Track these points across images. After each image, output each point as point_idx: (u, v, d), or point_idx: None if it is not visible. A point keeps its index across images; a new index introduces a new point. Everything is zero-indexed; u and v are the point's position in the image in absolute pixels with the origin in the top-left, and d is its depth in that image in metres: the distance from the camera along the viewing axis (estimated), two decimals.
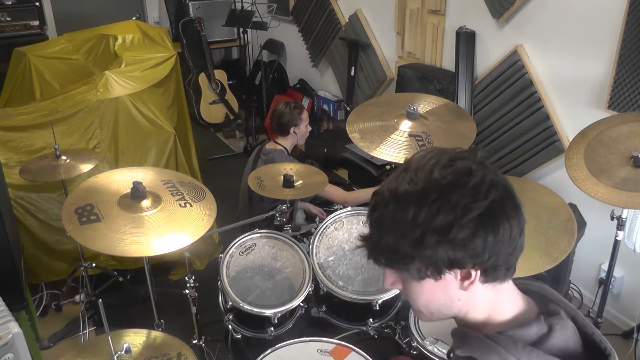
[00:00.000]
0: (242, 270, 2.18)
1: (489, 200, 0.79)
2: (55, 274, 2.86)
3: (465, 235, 0.79)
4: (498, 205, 0.80)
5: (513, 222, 0.81)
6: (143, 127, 2.91)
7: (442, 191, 0.79)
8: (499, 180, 0.82)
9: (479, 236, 0.79)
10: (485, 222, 0.79)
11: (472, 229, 0.79)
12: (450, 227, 0.78)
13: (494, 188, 0.80)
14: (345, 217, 2.35)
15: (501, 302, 0.89)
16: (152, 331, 1.74)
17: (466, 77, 3.18)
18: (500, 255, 0.82)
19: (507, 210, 0.81)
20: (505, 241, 0.81)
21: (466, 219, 0.78)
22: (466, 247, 0.79)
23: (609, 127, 1.97)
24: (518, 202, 0.83)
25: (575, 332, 0.89)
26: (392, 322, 2.27)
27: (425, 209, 0.79)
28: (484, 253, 0.80)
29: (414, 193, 0.81)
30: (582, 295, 2.90)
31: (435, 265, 0.82)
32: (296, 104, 2.97)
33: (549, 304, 0.93)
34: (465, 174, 0.80)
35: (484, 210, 0.78)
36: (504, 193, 0.81)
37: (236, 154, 4.98)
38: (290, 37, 5.26)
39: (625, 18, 2.35)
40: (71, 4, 5.62)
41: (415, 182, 0.81)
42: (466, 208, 0.78)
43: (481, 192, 0.79)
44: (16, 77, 3.54)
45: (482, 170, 0.81)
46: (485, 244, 0.80)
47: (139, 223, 1.72)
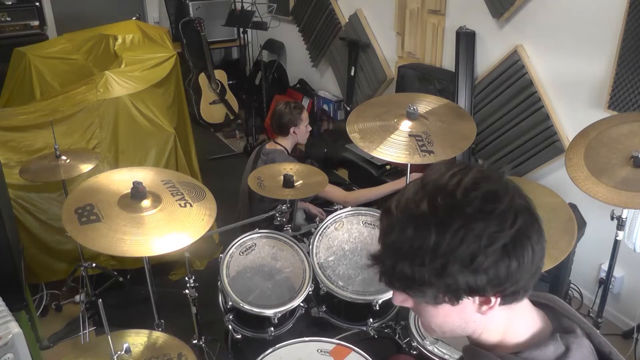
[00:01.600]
0: (242, 270, 2.18)
1: (515, 229, 0.74)
2: (55, 274, 2.86)
3: (489, 264, 0.74)
4: (524, 233, 0.75)
5: (537, 248, 0.77)
6: (143, 127, 2.91)
7: (466, 219, 0.74)
8: (524, 204, 0.77)
9: (503, 264, 0.75)
10: (510, 250, 0.75)
11: (497, 258, 0.74)
12: (474, 257, 0.74)
13: (521, 215, 0.75)
14: (345, 217, 2.35)
15: (516, 322, 0.86)
16: (153, 331, 1.74)
17: (466, 77, 3.18)
18: (522, 281, 0.78)
19: (532, 236, 0.76)
20: (527, 267, 0.77)
21: (491, 249, 0.74)
22: (489, 275, 0.75)
23: (609, 127, 1.96)
24: (541, 225, 0.79)
25: (592, 351, 0.86)
26: (392, 322, 2.27)
27: (447, 237, 0.74)
28: (507, 281, 0.76)
29: (435, 219, 0.75)
30: (582, 295, 2.90)
31: (455, 292, 0.78)
32: (296, 104, 2.97)
33: (562, 319, 0.89)
34: (491, 200, 0.75)
35: (510, 240, 0.74)
36: (529, 218, 0.77)
37: (236, 154, 4.98)
38: (290, 37, 5.26)
39: (625, 18, 2.35)
40: (71, 4, 5.61)
41: (436, 207, 0.75)
42: (492, 237, 0.74)
43: (508, 220, 0.74)
44: (16, 77, 3.54)
45: (509, 195, 0.76)
46: (509, 272, 0.76)
47: (139, 223, 1.71)
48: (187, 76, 5.14)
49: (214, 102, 5.30)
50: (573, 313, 0.90)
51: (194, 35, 5.23)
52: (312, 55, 4.99)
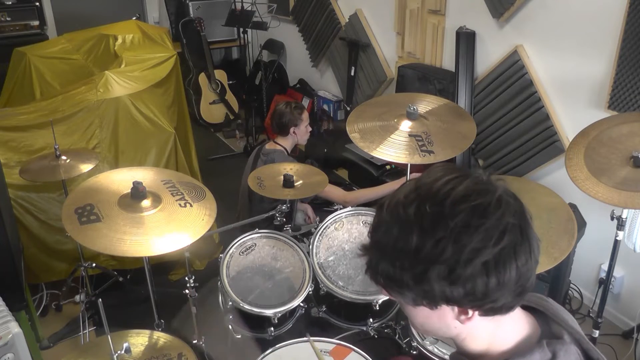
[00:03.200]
0: (242, 270, 2.18)
1: (499, 247, 0.73)
2: (55, 274, 2.86)
3: (467, 278, 0.74)
4: (508, 252, 0.74)
5: (524, 268, 0.76)
6: (143, 127, 2.91)
7: (450, 231, 0.73)
8: (515, 223, 0.75)
9: (481, 281, 0.74)
10: (491, 268, 0.74)
11: (475, 274, 0.74)
12: (452, 269, 0.74)
13: (509, 233, 0.74)
14: (345, 217, 2.35)
15: (502, 329, 0.85)
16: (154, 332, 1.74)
17: (466, 77, 3.18)
18: (502, 298, 0.77)
19: (518, 256, 0.75)
20: (509, 286, 0.76)
21: (471, 264, 0.73)
22: (466, 289, 0.75)
23: (609, 127, 1.96)
24: (532, 245, 0.77)
25: (579, 357, 0.85)
26: (392, 322, 2.28)
27: (429, 245, 0.74)
28: (485, 297, 0.76)
29: (419, 226, 0.75)
30: (582, 295, 2.90)
31: (432, 299, 0.78)
32: (297, 104, 2.97)
33: (552, 324, 0.88)
34: (480, 215, 0.74)
35: (492, 257, 0.73)
36: (517, 238, 0.75)
37: (236, 154, 4.98)
38: (290, 37, 5.26)
39: (625, 18, 2.35)
40: (71, 4, 5.62)
41: (422, 213, 0.75)
42: (472, 253, 0.73)
43: (492, 238, 0.73)
44: (16, 77, 3.54)
45: (500, 210, 0.74)
46: (487, 289, 0.75)
47: (139, 223, 1.71)
48: (187, 76, 5.14)
49: (214, 102, 5.30)
50: (562, 318, 0.89)
51: (194, 35, 5.22)
52: (312, 55, 4.99)
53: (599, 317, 2.19)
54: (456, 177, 0.78)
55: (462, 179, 0.77)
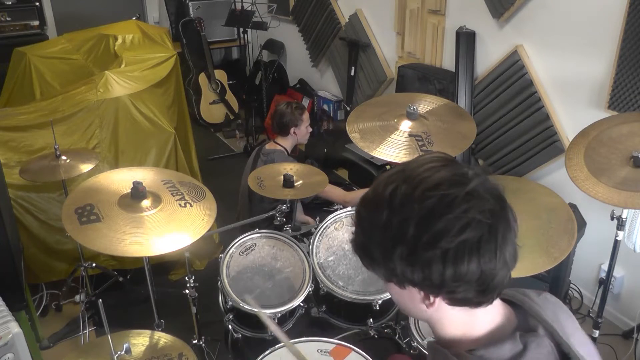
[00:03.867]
0: (242, 270, 2.18)
1: (459, 239, 0.75)
2: (55, 274, 2.86)
3: (424, 263, 0.77)
4: (469, 247, 0.75)
5: (486, 266, 0.77)
6: (143, 127, 2.91)
7: (416, 214, 0.77)
8: (483, 220, 0.76)
9: (436, 268, 0.76)
10: (448, 258, 0.76)
11: (431, 260, 0.76)
12: (412, 251, 0.77)
13: (472, 228, 0.75)
14: (345, 217, 2.36)
15: (476, 319, 0.86)
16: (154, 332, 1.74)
17: (466, 77, 3.18)
18: (461, 291, 0.79)
19: (481, 253, 0.76)
20: (470, 281, 0.77)
21: (430, 251, 0.76)
22: (424, 274, 0.78)
23: (609, 127, 1.96)
24: (502, 246, 0.78)
25: (552, 350, 0.86)
26: (392, 322, 2.27)
27: (395, 222, 0.78)
28: (441, 286, 0.78)
29: (390, 205, 0.79)
30: (582, 295, 2.90)
31: (397, 277, 0.82)
32: (297, 105, 2.97)
33: (529, 318, 0.90)
34: (446, 205, 0.76)
35: (451, 247, 0.75)
36: (484, 235, 0.76)
37: (236, 154, 4.98)
38: (290, 37, 5.26)
39: (625, 18, 2.35)
40: (71, 4, 5.61)
41: (396, 194, 0.79)
42: (432, 238, 0.76)
43: (453, 229, 0.75)
44: (16, 77, 3.54)
45: (466, 205, 0.76)
46: (443, 278, 0.77)
47: (139, 223, 1.72)
48: (187, 76, 5.14)
49: (214, 102, 5.30)
50: (537, 311, 0.90)
51: (194, 35, 5.22)
52: (312, 55, 4.99)
53: (599, 317, 2.19)
54: (438, 166, 0.81)
55: (442, 168, 0.80)
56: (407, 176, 0.80)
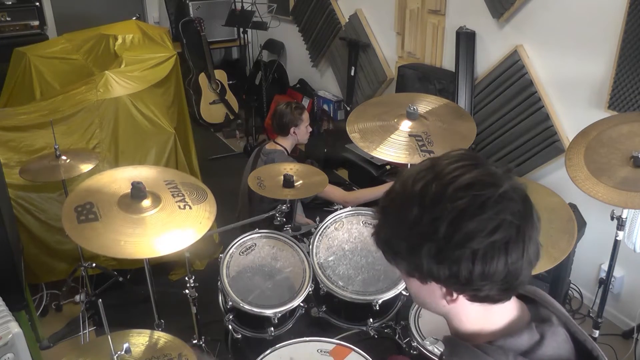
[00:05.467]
0: (242, 270, 2.18)
1: (490, 239, 0.76)
2: (55, 274, 2.86)
3: (453, 261, 0.78)
4: (499, 247, 0.77)
5: (513, 266, 0.78)
6: (143, 127, 2.91)
7: (448, 212, 0.77)
8: (512, 221, 0.77)
9: (465, 267, 0.77)
10: (478, 257, 0.77)
11: (461, 259, 0.77)
12: (441, 249, 0.78)
13: (503, 229, 0.76)
14: (345, 217, 2.35)
15: (492, 312, 0.87)
16: (154, 332, 1.74)
17: (466, 77, 3.18)
18: (486, 289, 0.80)
19: (509, 253, 0.77)
20: (496, 279, 0.78)
21: (459, 249, 0.77)
22: (452, 271, 0.78)
23: (609, 127, 1.96)
24: (528, 246, 0.79)
25: (567, 338, 0.88)
26: (392, 322, 2.27)
27: (426, 220, 0.78)
28: (468, 284, 0.79)
29: (421, 202, 0.79)
30: (582, 295, 2.90)
31: (421, 273, 0.82)
32: (297, 105, 2.98)
33: (541, 309, 0.91)
34: (478, 206, 0.76)
35: (482, 247, 0.76)
36: (512, 236, 0.77)
37: (236, 154, 4.98)
38: (290, 37, 5.26)
39: (625, 18, 2.35)
40: (71, 4, 5.61)
41: (427, 192, 0.79)
42: (464, 238, 0.76)
43: (485, 229, 0.76)
44: (16, 77, 3.54)
45: (499, 206, 0.77)
46: (471, 276, 0.78)
47: (136, 224, 1.70)
48: (187, 76, 5.14)
49: (214, 102, 5.30)
50: (551, 302, 0.92)
51: (194, 35, 5.22)
52: (312, 55, 4.99)
53: (599, 317, 2.19)
54: (469, 165, 0.81)
55: (473, 168, 0.80)
56: (438, 173, 0.80)
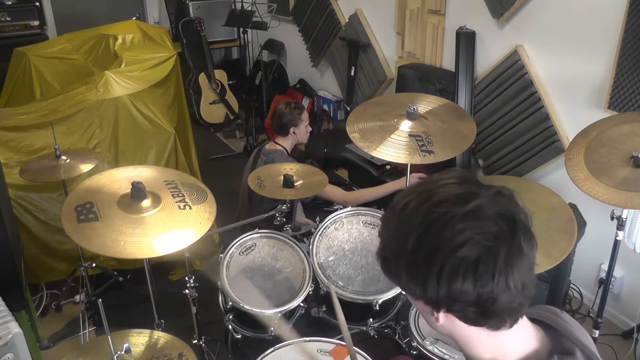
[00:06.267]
0: (242, 270, 2.18)
1: (453, 258, 0.75)
2: (55, 274, 2.86)
3: (422, 276, 0.78)
4: (464, 267, 0.75)
5: (483, 289, 0.76)
6: (143, 127, 2.91)
7: (416, 228, 0.78)
8: (481, 241, 0.75)
9: (432, 284, 0.77)
10: (442, 276, 0.76)
11: (428, 276, 0.77)
12: (412, 265, 0.79)
13: (466, 248, 0.75)
14: (345, 217, 2.35)
15: (507, 342, 0.85)
16: (154, 332, 1.74)
17: (466, 77, 3.18)
18: (459, 310, 0.79)
19: (477, 275, 0.75)
20: (466, 300, 0.77)
21: (426, 266, 0.77)
22: (423, 288, 0.79)
23: (609, 127, 1.96)
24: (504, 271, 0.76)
25: None
26: (392, 322, 2.27)
27: (400, 234, 0.80)
28: (438, 302, 0.79)
29: (400, 213, 0.81)
30: (582, 295, 2.90)
31: (406, 289, 0.84)
32: (296, 104, 2.98)
33: (563, 340, 0.88)
34: (444, 222, 0.76)
35: (446, 265, 0.76)
36: (482, 257, 0.75)
37: (236, 154, 4.98)
38: (290, 37, 5.26)
39: (625, 18, 2.35)
40: (71, 4, 5.61)
41: (407, 206, 0.81)
42: (428, 255, 0.77)
43: (446, 248, 0.76)
44: (16, 77, 3.54)
45: (464, 224, 0.76)
46: (438, 295, 0.78)
47: (136, 224, 1.70)
48: (187, 76, 5.14)
49: (214, 102, 5.30)
50: (573, 335, 0.88)
51: (194, 35, 5.22)
52: (312, 55, 4.99)
53: (599, 317, 2.19)
54: (453, 183, 0.81)
55: (455, 186, 0.80)
56: (422, 190, 0.82)
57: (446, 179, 0.82)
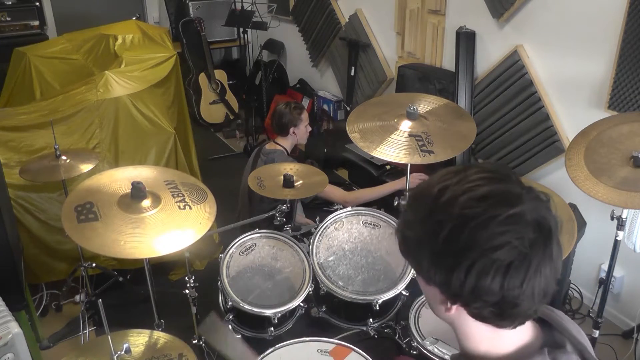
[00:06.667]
0: (242, 270, 2.18)
1: (487, 257, 0.75)
2: (55, 274, 2.86)
3: (448, 268, 0.77)
4: (496, 267, 0.75)
5: (510, 293, 0.76)
6: (143, 127, 2.91)
7: (453, 219, 0.77)
8: (519, 247, 0.75)
9: (457, 277, 0.77)
10: (471, 271, 0.76)
11: (455, 268, 0.77)
12: (440, 253, 0.78)
13: (503, 251, 0.74)
14: (345, 217, 2.35)
15: (503, 336, 0.85)
16: (154, 332, 1.74)
17: (466, 77, 3.18)
18: (475, 306, 0.79)
19: (506, 277, 0.75)
20: (489, 300, 0.77)
21: (455, 258, 0.76)
22: (445, 278, 0.78)
23: (609, 127, 1.96)
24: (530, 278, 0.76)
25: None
26: (392, 322, 2.27)
27: (433, 220, 0.79)
28: (456, 296, 0.79)
29: (434, 200, 0.80)
30: (582, 295, 2.90)
31: (422, 271, 0.83)
32: (296, 104, 2.97)
33: (555, 333, 0.89)
34: (485, 220, 0.75)
35: (478, 261, 0.75)
36: (515, 262, 0.75)
37: (236, 154, 4.98)
38: (290, 37, 5.26)
39: (625, 18, 2.35)
40: (71, 4, 5.61)
41: (442, 193, 0.79)
42: (461, 249, 0.76)
43: (484, 246, 0.75)
44: (16, 77, 3.54)
45: (506, 227, 0.75)
46: (462, 289, 0.77)
47: (136, 224, 1.71)
48: (187, 76, 5.14)
49: (214, 102, 5.30)
50: (565, 327, 0.89)
51: (194, 35, 5.22)
52: (312, 55, 4.99)
53: (599, 317, 2.19)
54: (494, 178, 0.79)
55: (496, 182, 0.79)
56: (461, 179, 0.79)
57: (486, 171, 0.80)
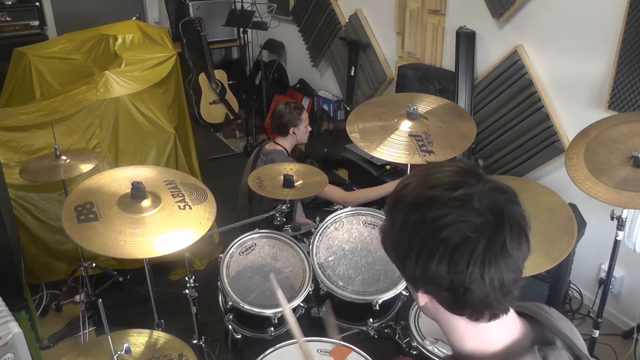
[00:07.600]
0: (242, 270, 2.18)
1: (433, 239, 0.77)
2: (55, 274, 2.86)
3: (404, 254, 0.80)
4: (442, 250, 0.76)
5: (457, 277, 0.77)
6: (143, 127, 2.91)
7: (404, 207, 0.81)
8: (463, 230, 0.76)
9: (409, 263, 0.80)
10: (420, 255, 0.78)
11: (408, 254, 0.80)
12: (398, 240, 0.82)
13: (445, 232, 0.76)
14: (345, 217, 2.35)
15: (489, 334, 0.85)
16: (154, 331, 1.74)
17: (466, 77, 3.18)
18: (433, 292, 0.81)
19: (452, 261, 0.76)
20: (441, 284, 0.78)
21: (408, 244, 0.79)
22: (404, 265, 0.81)
23: (609, 127, 1.96)
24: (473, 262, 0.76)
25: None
26: (392, 322, 2.27)
27: (395, 211, 0.83)
28: (414, 280, 0.82)
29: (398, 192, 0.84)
30: (582, 295, 2.90)
31: (398, 267, 0.85)
32: (296, 104, 2.97)
33: (545, 330, 0.89)
34: (429, 204, 0.78)
35: (424, 246, 0.78)
36: (460, 245, 0.76)
37: (236, 154, 4.98)
38: (290, 37, 5.26)
39: (625, 18, 2.35)
40: (71, 4, 5.61)
41: (407, 186, 0.83)
42: (410, 232, 0.79)
43: (427, 228, 0.77)
44: (16, 77, 3.54)
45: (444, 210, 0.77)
46: (415, 273, 0.80)
47: (136, 224, 1.71)
48: (187, 76, 5.14)
49: (214, 102, 5.30)
50: (556, 325, 0.89)
51: (194, 35, 5.22)
52: (312, 55, 4.99)
53: (599, 317, 2.19)
54: (455, 171, 0.82)
55: (455, 174, 0.82)
56: (424, 174, 0.84)
57: (449, 166, 0.84)
